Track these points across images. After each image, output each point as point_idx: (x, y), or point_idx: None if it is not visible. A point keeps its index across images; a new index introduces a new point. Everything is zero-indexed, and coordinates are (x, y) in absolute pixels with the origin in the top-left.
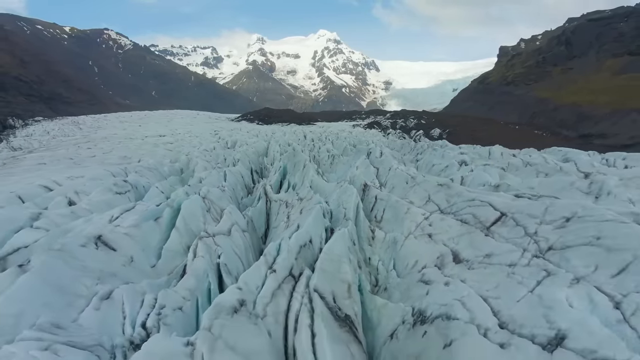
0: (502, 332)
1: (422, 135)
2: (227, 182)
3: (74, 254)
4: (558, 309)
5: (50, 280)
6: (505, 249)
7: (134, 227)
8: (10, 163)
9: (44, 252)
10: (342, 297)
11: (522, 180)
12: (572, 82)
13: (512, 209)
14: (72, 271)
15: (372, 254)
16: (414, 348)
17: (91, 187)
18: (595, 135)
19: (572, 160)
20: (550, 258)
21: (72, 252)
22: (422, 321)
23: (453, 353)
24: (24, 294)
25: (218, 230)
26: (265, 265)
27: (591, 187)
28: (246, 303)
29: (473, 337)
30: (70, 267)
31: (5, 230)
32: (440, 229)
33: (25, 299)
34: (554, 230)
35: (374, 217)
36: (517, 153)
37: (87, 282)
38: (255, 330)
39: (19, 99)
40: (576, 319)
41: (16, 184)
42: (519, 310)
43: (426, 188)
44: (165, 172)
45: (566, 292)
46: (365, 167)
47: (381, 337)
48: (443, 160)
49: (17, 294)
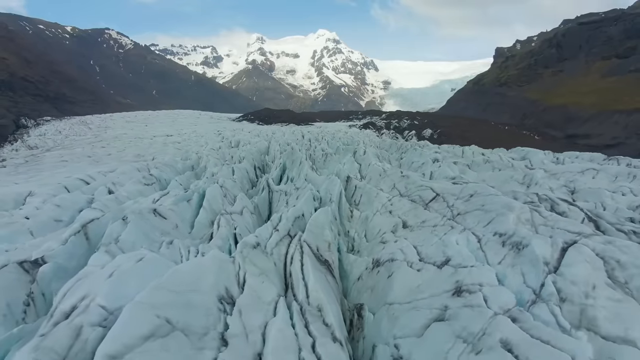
0: (419, 263)
1: (414, 136)
2: (235, 176)
3: (146, 217)
4: (450, 246)
5: (141, 228)
6: (433, 217)
7: (173, 205)
8: (32, 160)
9: (133, 213)
10: (323, 250)
11: (478, 174)
12: (561, 84)
13: (443, 191)
14: (148, 226)
15: (351, 228)
16: (370, 283)
17: (124, 180)
18: (580, 136)
19: (528, 158)
20: (456, 219)
21: (146, 216)
22: (377, 265)
23: (392, 280)
24: (132, 231)
25: (233, 210)
26: (271, 226)
27: (525, 179)
28: (260, 244)
29: (403, 268)
30: (147, 224)
31: (73, 210)
32: (397, 207)
33: (133, 233)
34: (462, 203)
35: (354, 201)
36: (490, 152)
37: (156, 233)
38: (267, 259)
39: (26, 99)
40: (457, 250)
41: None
42: (430, 249)
43: (393, 179)
44: (179, 168)
45: (456, 236)
46: (350, 163)
47: (352, 280)
48: (421, 158)
49: (129, 230)
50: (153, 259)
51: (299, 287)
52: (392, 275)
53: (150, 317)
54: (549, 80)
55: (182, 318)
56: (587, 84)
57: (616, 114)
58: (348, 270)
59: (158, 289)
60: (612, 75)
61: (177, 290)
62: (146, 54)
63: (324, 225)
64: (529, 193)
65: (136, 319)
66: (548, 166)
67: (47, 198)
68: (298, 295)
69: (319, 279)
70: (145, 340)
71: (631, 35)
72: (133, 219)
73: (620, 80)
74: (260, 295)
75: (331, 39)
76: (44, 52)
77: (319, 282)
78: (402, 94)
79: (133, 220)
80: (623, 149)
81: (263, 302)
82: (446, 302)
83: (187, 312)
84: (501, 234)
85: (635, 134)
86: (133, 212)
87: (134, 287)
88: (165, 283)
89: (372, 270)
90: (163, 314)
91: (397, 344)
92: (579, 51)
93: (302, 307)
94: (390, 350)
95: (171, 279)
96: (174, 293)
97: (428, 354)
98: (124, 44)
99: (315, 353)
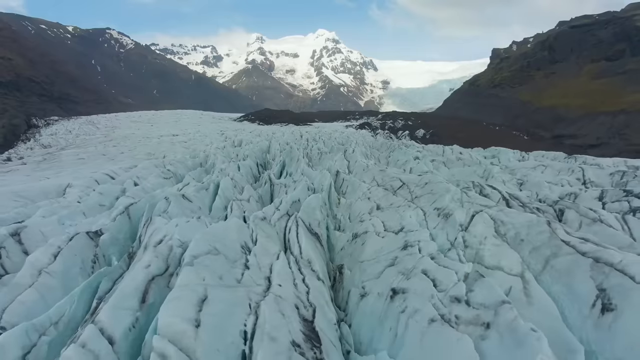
0: (384, 232)
1: (407, 136)
2: (241, 171)
3: (180, 199)
4: (405, 219)
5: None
6: (399, 200)
7: (196, 192)
8: (50, 158)
9: (172, 195)
10: (314, 225)
11: (450, 169)
12: (553, 86)
13: (408, 181)
14: (183, 205)
15: (338, 212)
16: (350, 250)
17: (145, 174)
18: (567, 136)
19: (498, 156)
20: (414, 201)
21: (180, 198)
22: (355, 237)
23: (364, 246)
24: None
25: (242, 198)
26: (274, 207)
27: (484, 173)
28: (266, 218)
29: (373, 237)
30: (182, 203)
31: (111, 197)
32: (374, 194)
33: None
34: (419, 189)
35: (341, 190)
36: (468, 151)
37: (187, 211)
38: (271, 228)
39: (32, 99)
40: (409, 221)
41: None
42: (392, 222)
43: (373, 172)
44: (190, 165)
45: (410, 212)
46: (340, 160)
47: (337, 251)
48: (404, 157)
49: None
50: (195, 222)
51: (294, 247)
52: (365, 243)
53: (206, 244)
54: (541, 82)
55: (222, 249)
56: (577, 86)
57: (601, 115)
58: (334, 243)
59: (206, 234)
60: (601, 77)
61: (217, 236)
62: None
63: (315, 208)
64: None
65: (200, 243)
66: (512, 163)
67: (82, 189)
68: (294, 252)
69: (310, 243)
70: (206, 254)
71: (620, 39)
72: (173, 198)
73: (608, 83)
74: (268, 249)
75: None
76: (47, 52)
77: (310, 245)
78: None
79: (174, 199)
80: (605, 148)
81: (270, 253)
82: (397, 254)
83: (224, 247)
84: (438, 209)
85: (618, 134)
86: (172, 194)
87: (191, 233)
88: (209, 231)
89: (352, 242)
90: (212, 245)
91: (363, 286)
92: (570, 54)
93: (297, 259)
94: (359, 291)
95: (212, 230)
96: (215, 236)
97: (381, 286)
98: (125, 44)
99: (305, 284)
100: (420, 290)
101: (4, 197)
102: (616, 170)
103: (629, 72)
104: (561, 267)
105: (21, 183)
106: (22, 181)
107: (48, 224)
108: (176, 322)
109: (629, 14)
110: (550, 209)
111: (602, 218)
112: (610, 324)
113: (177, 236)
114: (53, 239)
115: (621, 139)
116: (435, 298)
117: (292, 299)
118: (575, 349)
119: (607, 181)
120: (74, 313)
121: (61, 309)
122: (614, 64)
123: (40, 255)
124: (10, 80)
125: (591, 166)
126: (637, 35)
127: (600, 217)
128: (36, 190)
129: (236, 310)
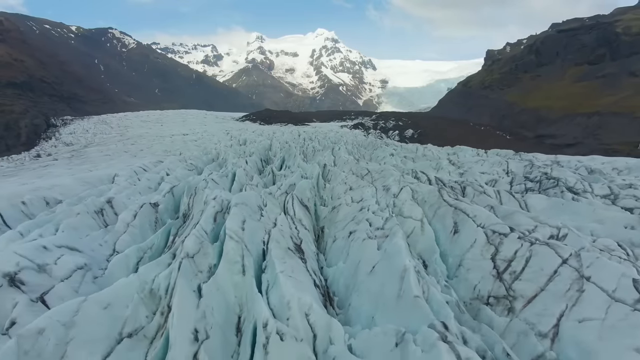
0: (351, 203)
1: (397, 135)
2: (249, 165)
3: (212, 181)
4: (364, 194)
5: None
6: (364, 183)
7: (219, 178)
8: (77, 155)
9: (210, 177)
10: (305, 201)
11: (415, 162)
12: (538, 89)
13: (372, 170)
14: (214, 185)
15: (324, 194)
16: (329, 217)
17: (173, 167)
18: (547, 136)
19: (457, 153)
20: (373, 183)
21: (212, 181)
22: (333, 209)
23: (337, 213)
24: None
25: (252, 183)
26: (277, 187)
27: (436, 166)
28: (272, 194)
29: (344, 207)
30: (214, 184)
31: (155, 182)
32: (349, 180)
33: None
34: (378, 174)
35: (327, 178)
36: (438, 149)
37: (217, 189)
38: (275, 199)
39: (44, 99)
40: (366, 195)
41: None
42: (356, 196)
43: (351, 165)
44: (205, 161)
45: (368, 189)
46: (329, 156)
47: (321, 219)
48: (383, 153)
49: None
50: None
51: (290, 211)
52: (339, 211)
53: (241, 199)
54: (528, 84)
55: (249, 204)
56: (560, 88)
57: (579, 116)
58: (320, 214)
59: (240, 196)
60: (582, 80)
61: (244, 197)
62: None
63: (305, 189)
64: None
65: (237, 198)
66: (466, 159)
67: (126, 178)
68: (290, 214)
69: (301, 210)
70: (241, 204)
71: (602, 44)
72: (209, 180)
73: (587, 86)
74: (273, 210)
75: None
76: (55, 53)
77: (301, 211)
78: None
79: (209, 180)
80: (580, 147)
81: (274, 212)
82: (355, 214)
83: (249, 203)
84: (385, 186)
85: (592, 135)
86: (207, 178)
87: (228, 196)
88: (240, 195)
89: (331, 211)
90: (243, 201)
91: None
92: (556, 57)
93: (292, 217)
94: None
95: (241, 194)
96: (244, 198)
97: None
98: (127, 43)
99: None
100: (362, 229)
101: (76, 182)
102: (529, 163)
103: (607, 76)
104: (441, 213)
105: (71, 174)
106: (69, 173)
107: (123, 198)
108: (234, 225)
109: (612, 19)
110: (458, 186)
111: (485, 191)
112: (456, 239)
113: (224, 196)
114: (131, 206)
115: (594, 139)
116: (369, 230)
117: (288, 232)
118: (436, 251)
119: (521, 171)
120: (159, 244)
121: (152, 241)
122: (594, 67)
123: (126, 216)
124: (24, 81)
125: (514, 160)
126: (616, 40)
127: (485, 191)
128: (94, 178)
129: (259, 231)
